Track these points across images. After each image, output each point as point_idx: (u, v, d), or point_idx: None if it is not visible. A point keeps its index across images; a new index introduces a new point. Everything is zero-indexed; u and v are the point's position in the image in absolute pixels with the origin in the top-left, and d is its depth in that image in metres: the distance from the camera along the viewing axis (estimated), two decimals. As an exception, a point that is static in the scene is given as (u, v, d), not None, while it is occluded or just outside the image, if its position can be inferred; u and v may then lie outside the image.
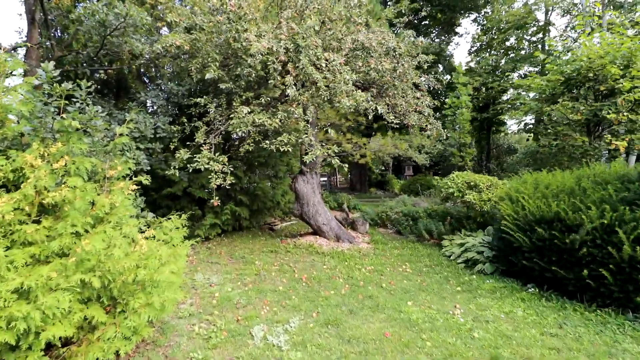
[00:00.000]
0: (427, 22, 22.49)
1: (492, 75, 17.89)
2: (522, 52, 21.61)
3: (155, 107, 7.21)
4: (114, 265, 3.46)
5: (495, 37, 21.77)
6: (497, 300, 5.10)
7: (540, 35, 22.14)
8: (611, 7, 15.67)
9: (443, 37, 24.21)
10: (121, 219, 4.18)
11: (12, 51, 8.97)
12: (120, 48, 6.97)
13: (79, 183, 3.82)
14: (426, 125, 7.89)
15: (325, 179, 27.73)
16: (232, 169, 5.90)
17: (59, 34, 9.16)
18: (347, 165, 6.20)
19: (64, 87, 3.84)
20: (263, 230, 10.17)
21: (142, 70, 9.70)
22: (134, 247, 3.87)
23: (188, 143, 6.46)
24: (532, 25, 20.98)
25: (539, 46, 22.19)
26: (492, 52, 21.05)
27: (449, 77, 19.43)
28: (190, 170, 5.89)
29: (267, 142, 5.99)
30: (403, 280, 6.09)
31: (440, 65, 21.88)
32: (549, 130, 8.98)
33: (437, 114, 8.37)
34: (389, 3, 19.90)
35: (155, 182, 8.48)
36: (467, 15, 22.68)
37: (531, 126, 8.90)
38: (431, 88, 8.45)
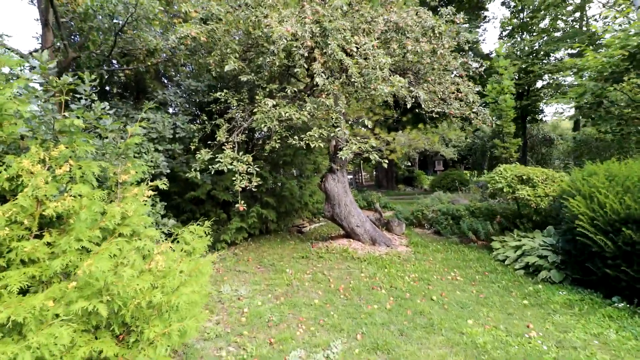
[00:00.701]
0: (452, 5, 21.28)
1: (530, 58, 16.48)
2: (557, 33, 20.06)
3: (173, 106, 6.73)
4: (124, 288, 2.89)
5: (528, 19, 20.31)
6: (578, 318, 4.25)
7: (578, 14, 20.51)
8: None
9: (470, 23, 22.91)
10: (136, 230, 3.66)
11: (30, 56, 8.76)
12: (134, 44, 6.52)
13: (85, 190, 3.29)
14: (469, 114, 7.04)
15: (351, 176, 26.98)
16: (257, 169, 5.31)
17: (76, 38, 8.90)
18: (386, 161, 5.48)
19: (64, 80, 3.34)
20: (291, 233, 9.59)
21: (160, 70, 9.31)
22: (149, 264, 3.31)
23: (209, 143, 5.93)
24: (568, 3, 19.40)
25: (577, 26, 20.56)
26: (526, 35, 19.55)
27: (476, 65, 18.10)
28: (213, 172, 5.34)
29: (296, 138, 5.34)
30: (455, 291, 5.31)
31: (471, 53, 20.66)
32: (610, 115, 7.88)
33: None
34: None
35: (178, 185, 8.05)
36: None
37: (587, 110, 7.86)
38: (470, 73, 7.59)
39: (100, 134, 4.27)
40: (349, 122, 12.45)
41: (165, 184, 4.15)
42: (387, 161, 5.36)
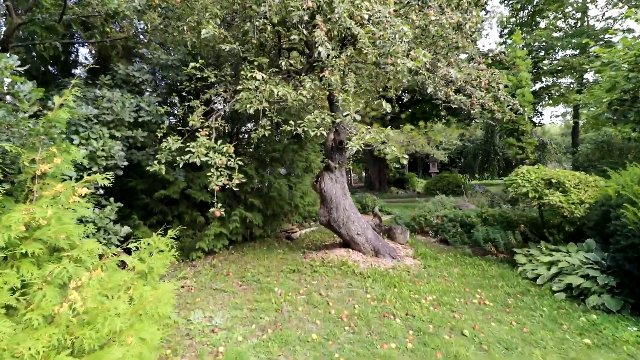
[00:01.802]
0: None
1: (541, 53, 15.56)
2: (556, 34, 19.44)
3: (140, 86, 5.45)
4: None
5: (528, 18, 19.65)
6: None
7: (579, 14, 19.95)
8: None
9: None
10: (59, 243, 2.46)
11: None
12: (90, 6, 5.23)
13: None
14: (492, 105, 6.00)
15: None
16: (240, 163, 4.10)
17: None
18: (406, 156, 4.37)
19: None
20: (279, 240, 8.39)
21: (132, 48, 8.00)
22: (60, 305, 2.09)
23: (180, 129, 4.70)
24: (570, 2, 18.78)
25: (578, 25, 20.00)
26: (528, 29, 18.77)
27: (498, 50, 17.14)
28: (185, 167, 4.12)
29: (292, 123, 4.14)
30: (490, 323, 4.23)
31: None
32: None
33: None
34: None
35: (146, 182, 6.76)
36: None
37: (619, 106, 6.95)
38: (489, 60, 6.57)
39: (19, 106, 3.01)
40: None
41: (109, 179, 2.92)
42: (406, 157, 4.23)
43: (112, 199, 4.39)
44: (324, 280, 5.59)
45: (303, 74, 4.64)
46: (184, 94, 5.43)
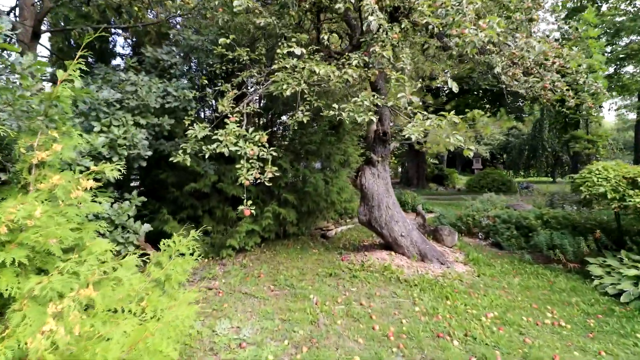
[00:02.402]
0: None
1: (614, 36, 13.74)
2: (619, 18, 17.40)
3: (170, 70, 5.06)
4: None
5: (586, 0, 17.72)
6: None
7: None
8: None
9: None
10: (50, 246, 2.03)
11: (8, 14, 7.30)
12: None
13: None
14: (567, 90, 5.11)
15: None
16: (274, 154, 3.57)
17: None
18: (473, 148, 3.65)
19: None
20: (314, 238, 7.86)
21: (165, 34, 7.71)
22: (30, 340, 1.62)
23: (210, 116, 4.25)
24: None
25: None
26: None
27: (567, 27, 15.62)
28: (207, 155, 3.64)
29: (335, 107, 3.52)
30: (571, 351, 3.46)
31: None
32: None
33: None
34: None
35: (176, 174, 6.43)
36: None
37: None
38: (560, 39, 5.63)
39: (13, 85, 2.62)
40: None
41: (119, 170, 2.47)
42: (472, 148, 3.52)
43: (135, 193, 4.02)
44: (364, 288, 4.99)
45: (347, 54, 4.02)
46: (214, 78, 4.99)
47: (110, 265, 2.52)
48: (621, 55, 15.83)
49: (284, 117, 8.79)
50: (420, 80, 7.13)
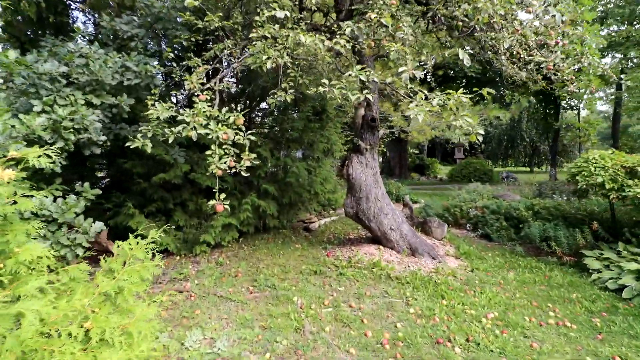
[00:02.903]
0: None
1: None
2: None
3: (127, 39, 4.38)
4: None
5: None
6: None
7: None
8: None
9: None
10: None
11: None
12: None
13: None
14: (568, 73, 4.78)
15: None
16: (252, 139, 3.05)
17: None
18: (482, 132, 3.24)
19: None
20: (296, 232, 7.40)
21: (130, 7, 6.94)
22: None
23: (175, 94, 3.66)
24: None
25: None
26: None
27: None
28: (170, 140, 3.07)
29: (325, 82, 3.00)
30: (584, 357, 3.15)
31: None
32: None
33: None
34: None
35: (143, 164, 5.80)
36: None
37: None
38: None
39: None
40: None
41: (51, 157, 1.91)
42: (482, 132, 3.10)
43: (87, 184, 3.41)
44: (353, 287, 4.57)
45: (336, 24, 3.49)
46: (184, 51, 4.37)
47: (44, 277, 1.98)
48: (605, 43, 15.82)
49: (263, 105, 8.21)
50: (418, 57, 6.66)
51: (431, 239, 6.58)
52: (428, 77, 17.05)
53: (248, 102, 8.00)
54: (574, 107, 21.68)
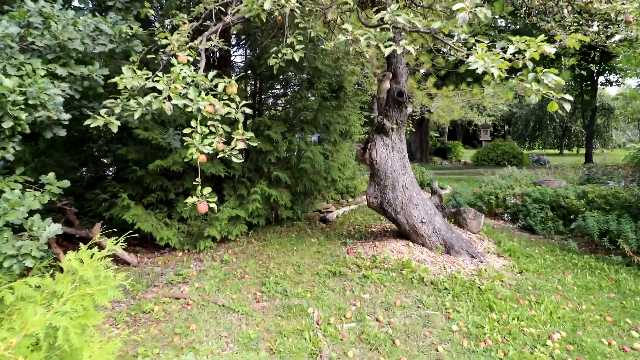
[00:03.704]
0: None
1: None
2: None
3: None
4: None
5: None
6: None
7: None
8: None
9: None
10: None
11: None
12: None
13: None
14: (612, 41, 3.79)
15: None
16: (247, 111, 2.29)
17: None
18: (571, 98, 2.38)
19: None
20: (312, 224, 6.68)
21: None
22: None
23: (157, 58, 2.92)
24: None
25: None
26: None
27: None
28: (136, 116, 2.33)
29: (341, 37, 2.18)
30: None
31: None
32: None
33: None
34: None
35: (139, 149, 5.15)
36: None
37: None
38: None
39: None
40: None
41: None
42: (571, 98, 2.26)
43: (51, 175, 2.74)
44: (379, 293, 3.83)
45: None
46: (168, 9, 3.61)
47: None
48: None
49: (277, 86, 7.40)
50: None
51: (466, 233, 5.75)
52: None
53: (259, 84, 7.23)
54: (614, 83, 19.96)
